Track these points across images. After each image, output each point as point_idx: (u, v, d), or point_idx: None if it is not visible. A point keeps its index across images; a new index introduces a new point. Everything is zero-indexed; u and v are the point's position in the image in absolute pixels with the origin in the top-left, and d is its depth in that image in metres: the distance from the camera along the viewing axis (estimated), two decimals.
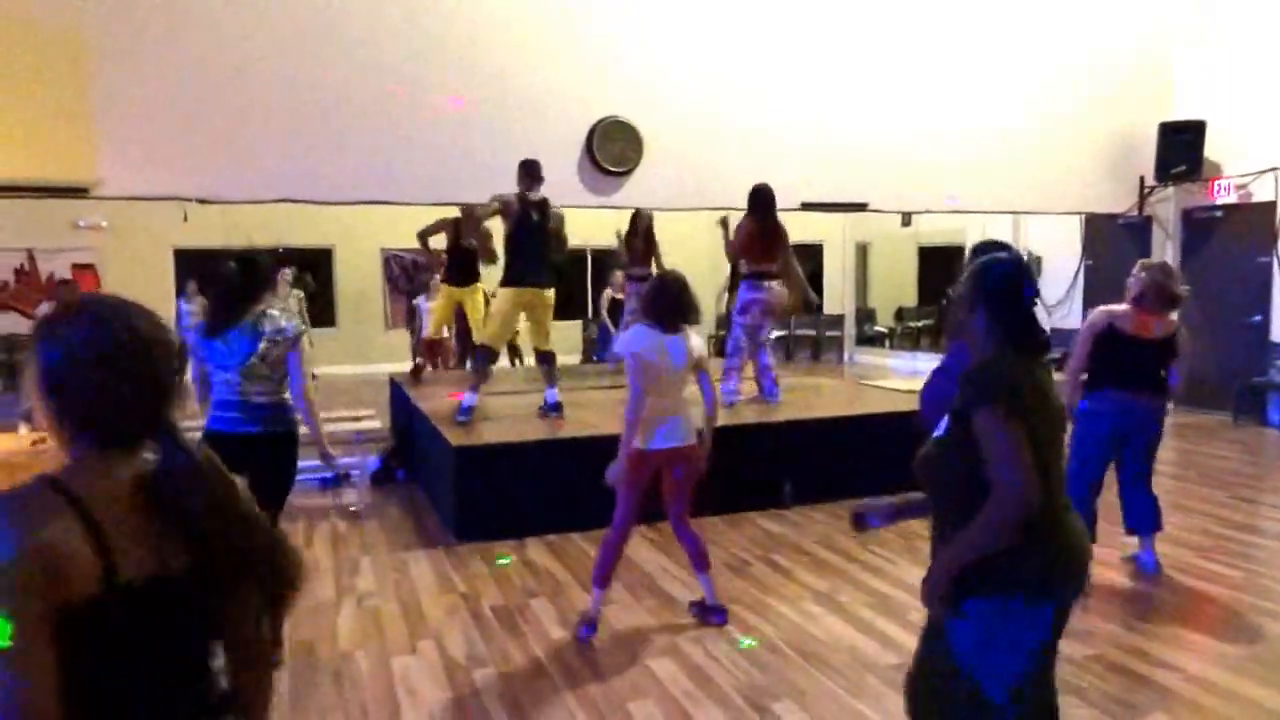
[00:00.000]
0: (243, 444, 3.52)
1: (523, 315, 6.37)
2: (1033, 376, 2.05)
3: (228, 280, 3.65)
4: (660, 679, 3.55)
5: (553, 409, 6.37)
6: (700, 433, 4.01)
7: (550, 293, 6.18)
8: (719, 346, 13.51)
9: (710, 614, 4.11)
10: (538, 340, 6.40)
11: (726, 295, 7.66)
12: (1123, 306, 4.44)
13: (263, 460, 3.51)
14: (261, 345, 3.62)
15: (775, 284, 6.63)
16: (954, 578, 1.98)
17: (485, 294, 8.05)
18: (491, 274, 7.19)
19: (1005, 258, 2.21)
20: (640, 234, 8.41)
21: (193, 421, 3.59)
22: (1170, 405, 4.57)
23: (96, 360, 1.24)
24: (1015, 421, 1.93)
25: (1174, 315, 4.51)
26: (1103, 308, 4.53)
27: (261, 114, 6.66)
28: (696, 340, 3.96)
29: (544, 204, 6.03)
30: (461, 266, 7.88)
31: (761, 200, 6.48)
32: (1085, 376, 4.49)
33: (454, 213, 7.79)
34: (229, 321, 3.63)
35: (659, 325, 3.86)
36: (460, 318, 8.69)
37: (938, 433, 2.11)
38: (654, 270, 8.47)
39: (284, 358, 3.65)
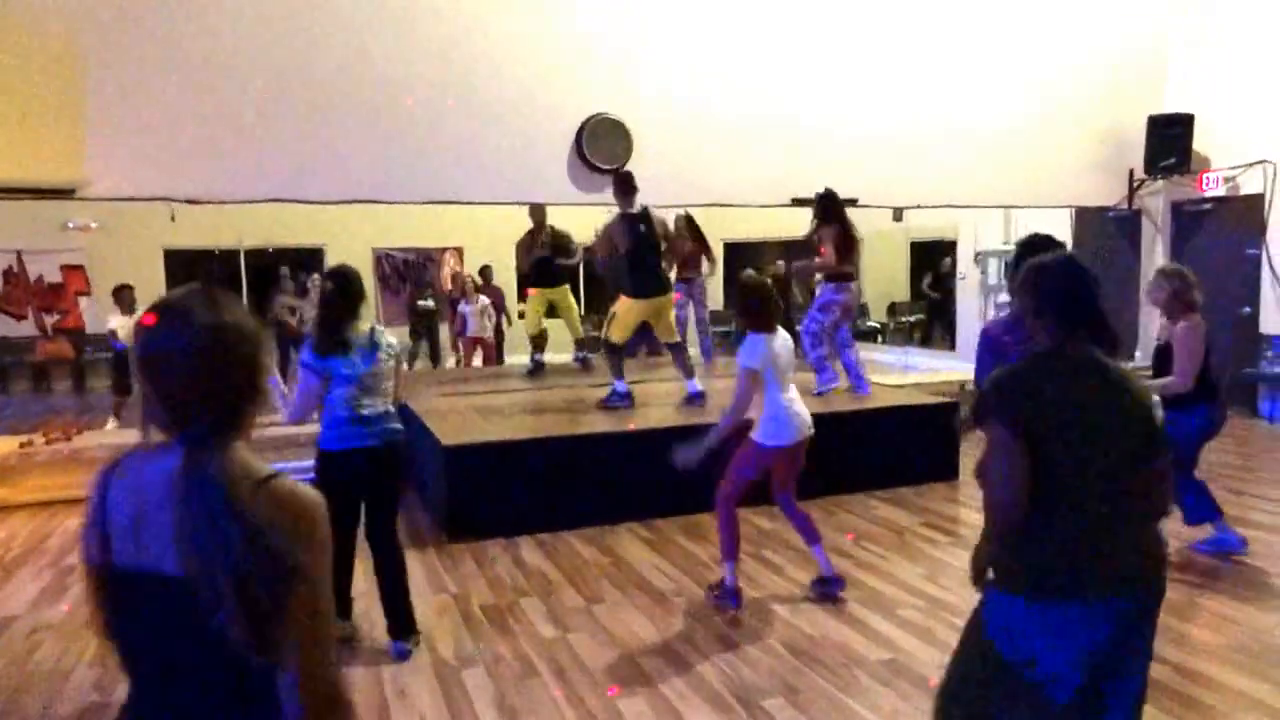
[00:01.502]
0: (368, 459, 3.69)
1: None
2: (1062, 387, 2.01)
3: (329, 297, 3.74)
4: (651, 677, 3.55)
5: (695, 398, 6.50)
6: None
7: (668, 296, 6.48)
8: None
9: (830, 585, 4.29)
10: (668, 336, 6.64)
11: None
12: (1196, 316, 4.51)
13: (387, 471, 3.76)
14: (380, 358, 3.74)
15: (854, 285, 6.90)
16: (979, 568, 2.15)
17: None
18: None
19: (1053, 258, 2.18)
20: (689, 235, 8.41)
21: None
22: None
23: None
24: (1008, 437, 1.97)
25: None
26: (1190, 321, 4.50)
27: (250, 114, 6.63)
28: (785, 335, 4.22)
29: (647, 216, 6.28)
30: (547, 271, 8.08)
31: (838, 204, 6.68)
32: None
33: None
34: (341, 337, 3.68)
35: (767, 329, 4.08)
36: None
37: None
38: (705, 270, 8.63)
39: (394, 370, 3.82)
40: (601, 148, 7.51)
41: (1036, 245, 2.94)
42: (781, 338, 4.14)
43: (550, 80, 7.38)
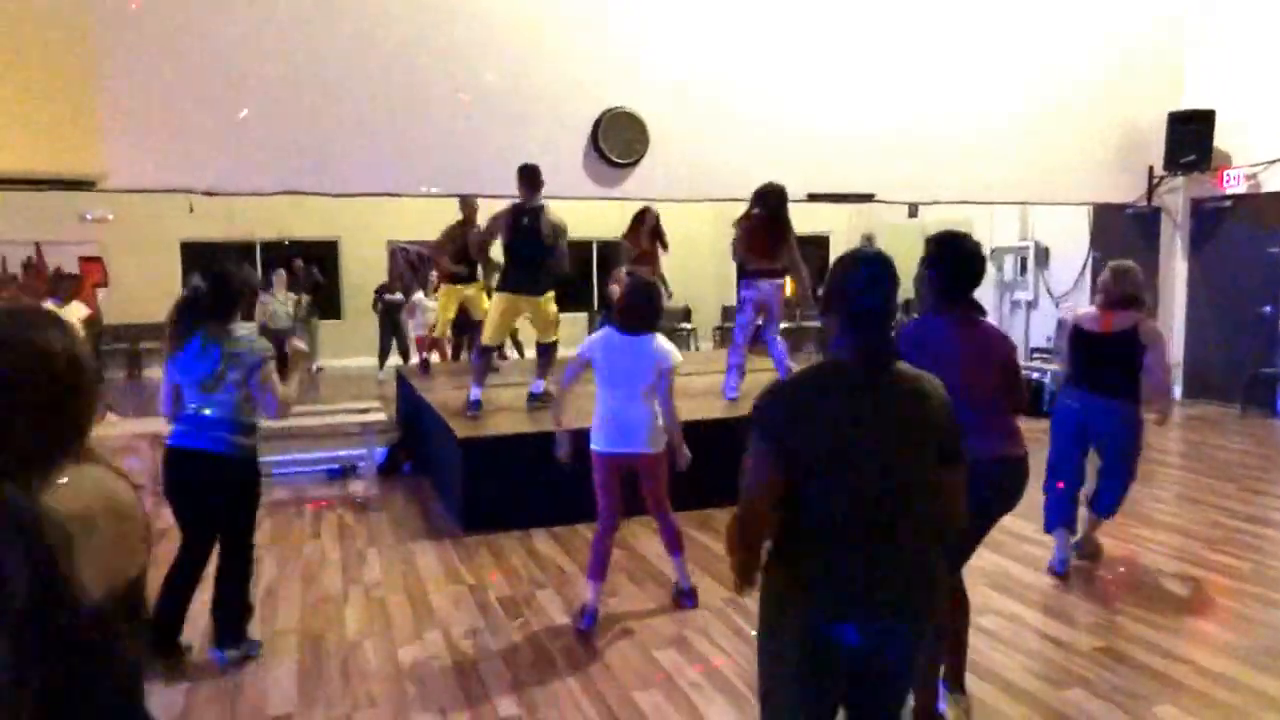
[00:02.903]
0: (196, 460, 3.51)
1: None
2: (828, 403, 1.91)
3: (194, 295, 3.59)
4: (666, 669, 3.56)
5: (538, 398, 6.40)
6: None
7: (544, 298, 6.24)
8: (724, 338, 13.50)
9: (683, 597, 4.21)
10: (541, 335, 6.47)
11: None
12: (1092, 307, 4.48)
13: (218, 480, 3.54)
14: (220, 365, 3.52)
15: (767, 283, 6.47)
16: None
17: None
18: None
19: (852, 254, 2.06)
20: (646, 231, 8.39)
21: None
22: (1144, 408, 4.40)
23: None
24: (758, 443, 1.92)
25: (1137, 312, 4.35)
26: (1076, 308, 4.51)
27: (267, 106, 6.65)
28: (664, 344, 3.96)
29: (537, 212, 6.02)
30: (467, 266, 7.97)
31: (765, 198, 6.37)
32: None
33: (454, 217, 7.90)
34: (184, 337, 3.55)
35: (630, 328, 3.90)
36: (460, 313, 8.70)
37: None
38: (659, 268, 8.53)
39: (245, 380, 3.53)
40: (617, 141, 7.50)
41: (944, 241, 2.90)
42: (647, 344, 3.90)
43: (566, 73, 7.37)
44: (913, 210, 12.05)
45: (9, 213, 12.26)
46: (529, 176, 6.01)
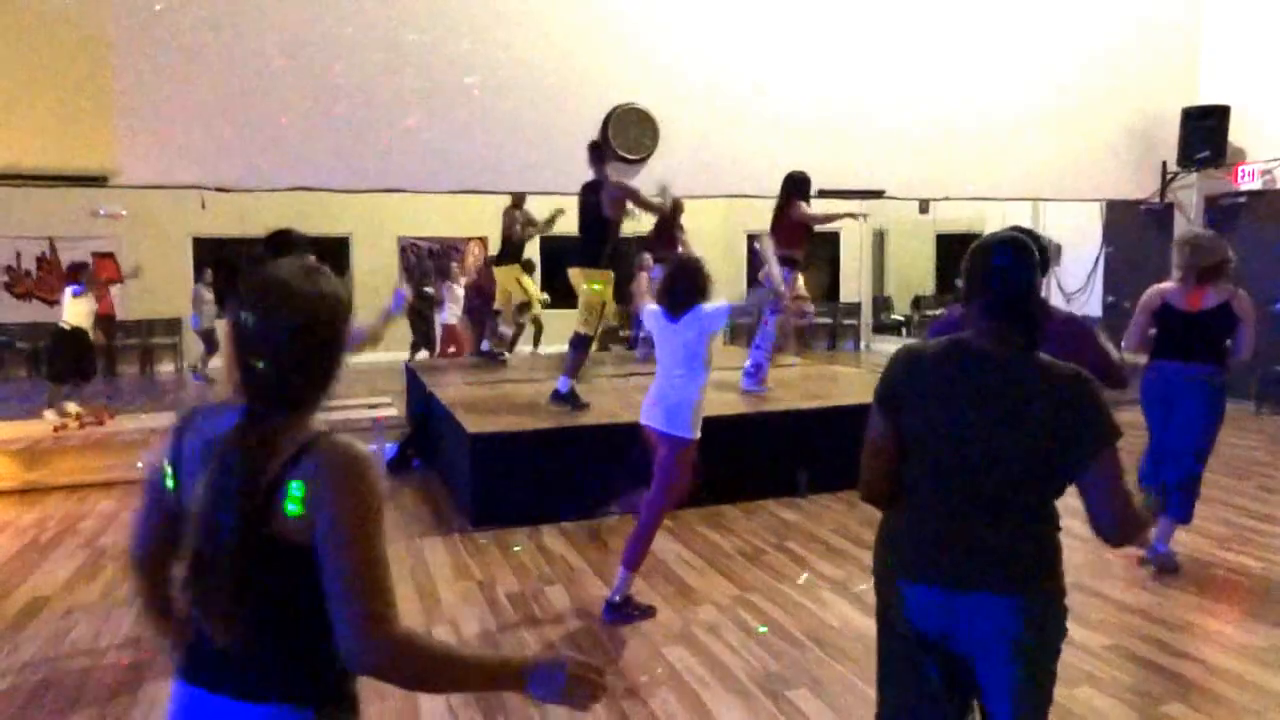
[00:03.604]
0: None
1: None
2: (951, 375, 1.90)
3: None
4: (675, 667, 3.56)
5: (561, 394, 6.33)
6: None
7: (589, 276, 6.09)
8: (734, 334, 13.48)
9: (617, 610, 4.01)
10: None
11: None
12: (1173, 283, 4.40)
13: None
14: None
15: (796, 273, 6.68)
16: None
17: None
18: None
19: (987, 241, 2.02)
20: (671, 217, 8.41)
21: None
22: (1225, 375, 4.36)
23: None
24: (876, 414, 2.00)
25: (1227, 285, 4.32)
26: (1155, 286, 4.43)
27: (279, 102, 6.68)
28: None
29: (596, 187, 5.94)
30: (515, 248, 8.37)
31: (803, 185, 6.52)
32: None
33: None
34: None
35: (674, 309, 3.94)
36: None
37: None
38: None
39: None
40: (628, 137, 7.50)
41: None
42: (687, 321, 3.91)
43: (577, 69, 7.38)
44: (924, 206, 12.00)
45: (23, 209, 12.36)
46: (595, 151, 5.99)
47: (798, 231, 6.51)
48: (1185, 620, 3.94)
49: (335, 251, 13.89)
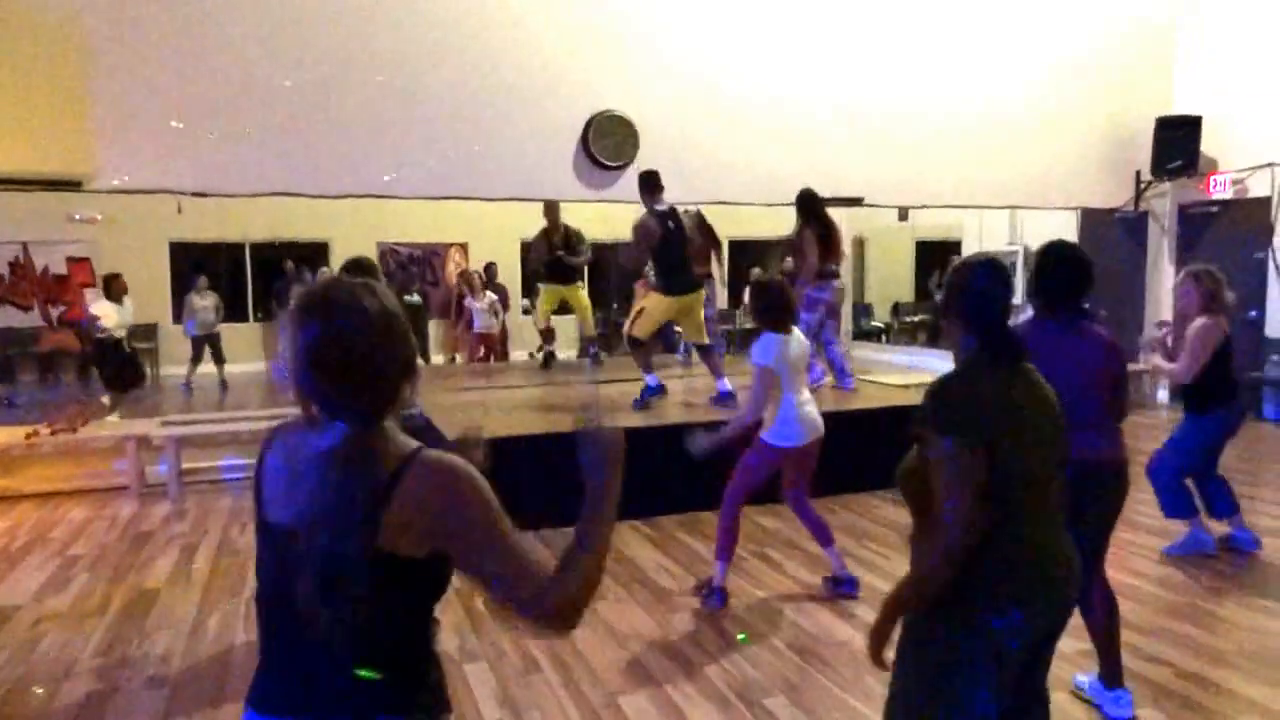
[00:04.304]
0: None
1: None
2: (1007, 392, 1.97)
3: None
4: (653, 673, 3.56)
5: (725, 397, 6.43)
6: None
7: (699, 294, 6.49)
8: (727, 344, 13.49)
9: (843, 585, 4.31)
10: (696, 337, 6.64)
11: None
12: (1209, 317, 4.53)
13: None
14: None
15: (838, 282, 6.92)
16: (893, 620, 1.98)
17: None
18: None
19: (980, 260, 2.12)
20: (700, 231, 8.44)
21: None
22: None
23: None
24: (968, 455, 1.86)
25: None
26: (1210, 319, 4.53)
27: (258, 106, 6.64)
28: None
29: (674, 212, 6.29)
30: (559, 268, 8.34)
31: (818, 203, 6.67)
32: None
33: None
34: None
35: (783, 329, 4.08)
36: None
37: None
38: (715, 268, 8.65)
39: None
40: (608, 144, 7.50)
41: (1055, 251, 3.06)
42: (796, 338, 4.15)
43: (557, 76, 7.37)
44: (902, 214, 12.09)
45: None
46: (651, 181, 6.27)
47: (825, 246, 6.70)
48: (1158, 626, 3.97)
49: (315, 257, 13.81)
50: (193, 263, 13.40)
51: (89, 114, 6.25)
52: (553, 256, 8.22)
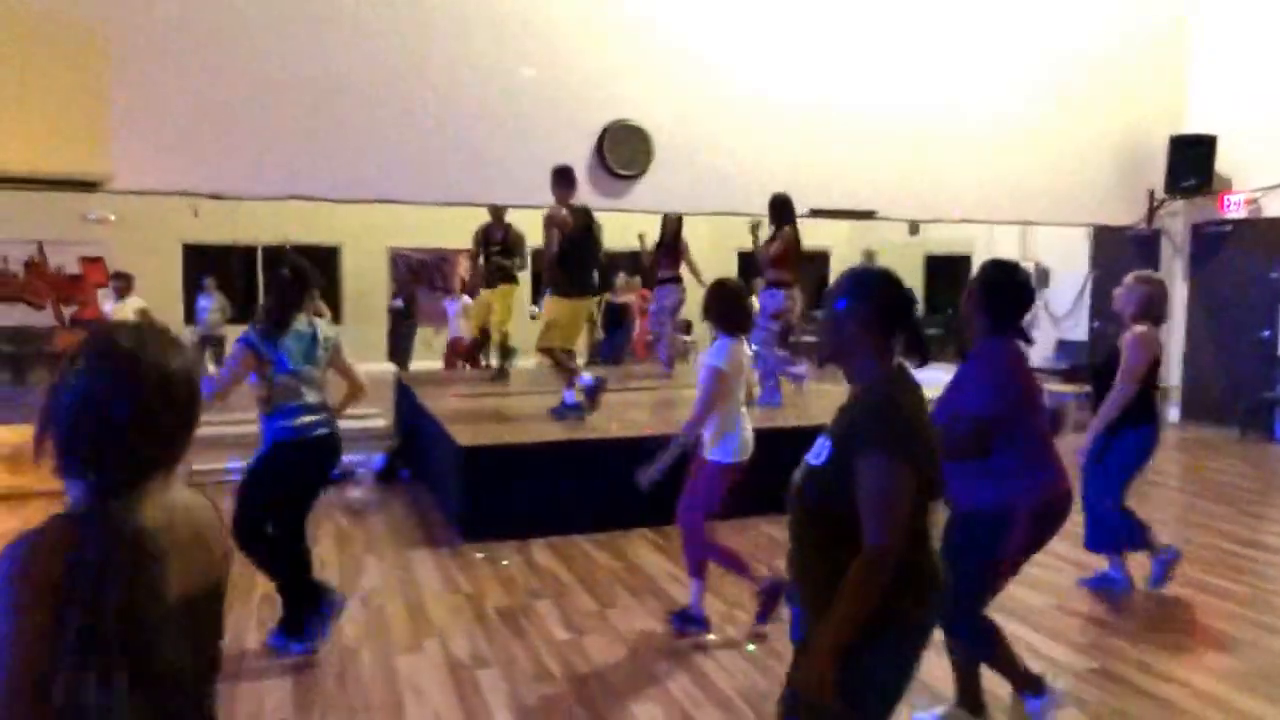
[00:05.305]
0: (318, 446, 3.76)
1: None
2: (923, 405, 1.98)
3: (284, 283, 3.77)
4: (662, 682, 3.56)
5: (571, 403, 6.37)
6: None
7: (595, 299, 6.34)
8: None
9: (691, 622, 4.04)
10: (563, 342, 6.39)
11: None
12: (1145, 326, 4.23)
13: (326, 462, 3.86)
14: (319, 352, 3.80)
15: (793, 291, 6.85)
16: (841, 649, 1.83)
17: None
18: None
19: (874, 267, 2.11)
20: (670, 236, 8.45)
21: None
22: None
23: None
24: (905, 473, 1.83)
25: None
26: (1148, 329, 4.22)
27: (274, 111, 6.69)
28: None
29: (588, 211, 6.16)
30: (498, 271, 8.22)
31: (791, 209, 6.66)
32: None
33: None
34: (290, 325, 3.72)
35: (738, 333, 3.91)
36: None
37: (814, 458, 1.99)
38: (682, 273, 8.57)
39: (335, 361, 3.93)
40: (622, 153, 7.54)
41: (997, 269, 3.08)
42: (745, 347, 3.98)
43: (572, 85, 7.41)
44: (914, 228, 12.10)
45: (11, 212, 12.27)
46: (568, 176, 6.09)
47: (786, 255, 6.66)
48: (1169, 643, 3.96)
49: (326, 261, 13.87)
50: (207, 266, 13.47)
51: (107, 116, 6.30)
52: (487, 254, 8.14)
